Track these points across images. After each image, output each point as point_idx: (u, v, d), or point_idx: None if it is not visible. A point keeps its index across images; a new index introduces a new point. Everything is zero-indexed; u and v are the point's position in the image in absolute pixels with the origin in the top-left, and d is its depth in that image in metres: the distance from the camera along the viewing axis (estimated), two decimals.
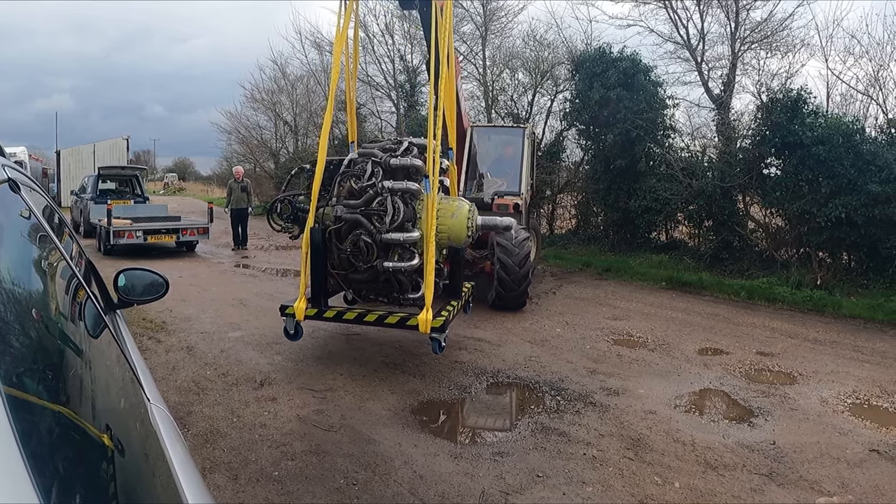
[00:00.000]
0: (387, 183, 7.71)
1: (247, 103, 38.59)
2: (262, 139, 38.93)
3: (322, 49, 32.92)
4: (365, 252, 7.67)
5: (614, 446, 6.08)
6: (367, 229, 7.63)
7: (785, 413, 7.12)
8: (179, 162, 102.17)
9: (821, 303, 12.99)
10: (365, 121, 32.79)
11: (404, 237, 7.64)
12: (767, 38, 19.02)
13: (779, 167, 16.11)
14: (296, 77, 36.00)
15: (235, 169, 21.98)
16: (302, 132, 36.78)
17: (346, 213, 7.80)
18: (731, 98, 18.85)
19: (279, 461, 5.51)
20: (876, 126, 15.63)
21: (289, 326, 8.12)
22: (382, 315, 7.84)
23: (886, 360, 9.41)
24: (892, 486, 5.48)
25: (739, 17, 18.92)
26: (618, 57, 18.73)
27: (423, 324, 7.36)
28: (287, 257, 19.10)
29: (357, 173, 7.95)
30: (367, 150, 8.22)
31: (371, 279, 7.90)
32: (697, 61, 19.65)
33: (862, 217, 13.57)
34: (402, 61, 30.04)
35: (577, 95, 19.66)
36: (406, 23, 29.21)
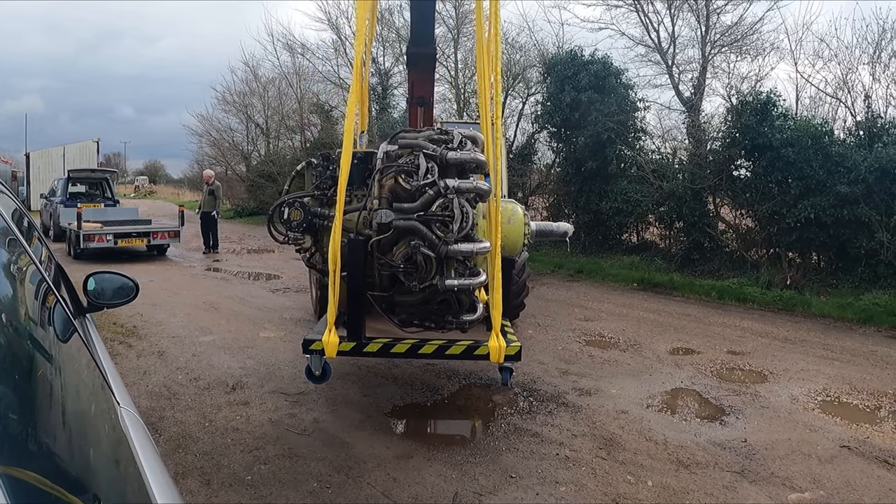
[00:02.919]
0: (451, 182, 6.05)
1: (218, 106, 38.62)
2: (233, 142, 38.88)
3: (294, 51, 32.87)
4: (423, 267, 5.98)
5: (587, 446, 6.09)
6: (428, 239, 5.95)
7: (756, 411, 7.18)
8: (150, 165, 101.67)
9: (791, 302, 13.14)
10: (336, 123, 32.76)
11: (477, 248, 6.14)
12: (737, 41, 19.20)
13: (749, 169, 16.28)
14: (267, 79, 36.02)
15: (206, 173, 21.92)
16: (273, 135, 36.74)
17: (398, 219, 6.04)
18: (701, 101, 18.99)
19: (252, 465, 5.48)
20: (844, 128, 15.81)
21: (314, 366, 6.36)
22: (443, 345, 6.24)
23: (856, 357, 9.51)
24: (863, 482, 5.54)
25: (710, 20, 19.07)
26: (589, 60, 18.85)
27: (495, 352, 6.07)
28: (258, 261, 19.02)
29: (408, 169, 6.17)
30: (410, 140, 6.46)
31: (424, 301, 6.31)
32: (668, 64, 19.79)
33: (831, 218, 13.75)
34: (374, 64, 30.00)
35: (549, 98, 19.77)
36: (378, 25, 29.14)
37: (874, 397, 7.79)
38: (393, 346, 6.30)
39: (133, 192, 74.59)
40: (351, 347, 6.26)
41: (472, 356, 6.29)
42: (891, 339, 10.85)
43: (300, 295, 12.96)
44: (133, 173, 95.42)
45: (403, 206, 6.08)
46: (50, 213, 23.22)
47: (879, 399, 7.73)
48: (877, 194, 13.42)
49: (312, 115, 33.71)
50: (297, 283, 14.42)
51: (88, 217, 18.76)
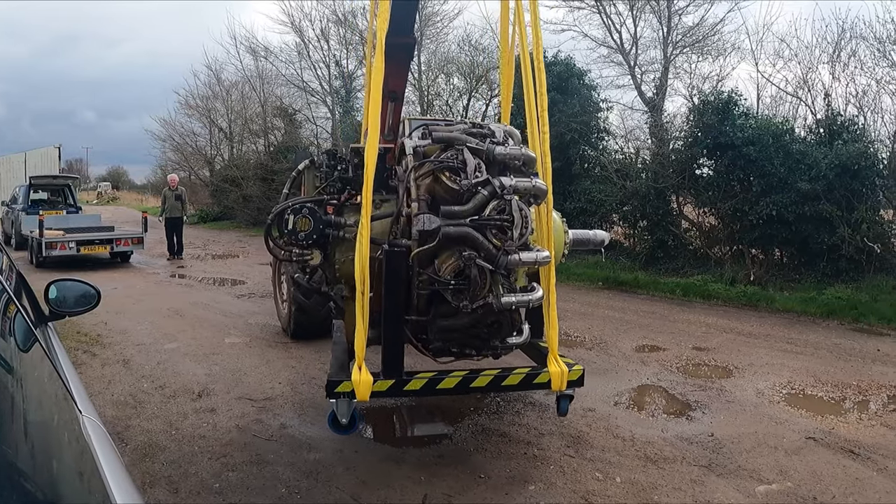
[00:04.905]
0: (507, 180, 5.11)
1: (181, 110, 38.32)
2: (196, 146, 38.58)
3: (257, 54, 32.74)
4: (478, 283, 4.98)
5: (555, 444, 6.09)
6: (485, 249, 5.00)
7: (722, 405, 7.23)
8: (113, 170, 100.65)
9: (754, 298, 13.29)
10: (300, 127, 32.65)
11: (540, 258, 5.22)
12: (699, 42, 19.46)
13: (711, 167, 16.46)
14: (231, 83, 35.83)
15: (170, 177, 21.66)
16: (237, 139, 36.51)
17: (446, 225, 5.00)
18: (663, 101, 19.19)
19: (220, 473, 5.42)
20: (805, 126, 16.06)
21: (341, 413, 5.24)
22: (498, 376, 5.46)
23: (819, 351, 9.63)
24: (829, 472, 5.60)
25: (672, 22, 19.30)
26: (552, 61, 18.92)
27: (557, 379, 5.42)
28: (223, 266, 18.89)
29: (453, 166, 5.23)
30: (446, 133, 5.52)
31: (473, 324, 5.26)
32: (631, 65, 19.97)
33: (792, 214, 13.96)
34: (338, 66, 30.00)
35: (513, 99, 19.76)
36: (342, 28, 29.15)
37: (838, 389, 7.89)
38: (440, 381, 5.37)
39: (96, 198, 73.71)
40: (389, 387, 5.25)
41: (531, 386, 5.60)
42: (853, 331, 11.01)
43: (265, 300, 12.87)
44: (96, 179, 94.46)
45: (453, 210, 5.08)
46: (11, 221, 22.91)
47: (843, 390, 7.83)
48: (837, 190, 13.62)
49: (276, 118, 33.57)
50: (263, 288, 14.33)
51: (50, 224, 18.53)
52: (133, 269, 18.41)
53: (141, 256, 20.16)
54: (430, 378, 5.34)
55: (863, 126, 14.84)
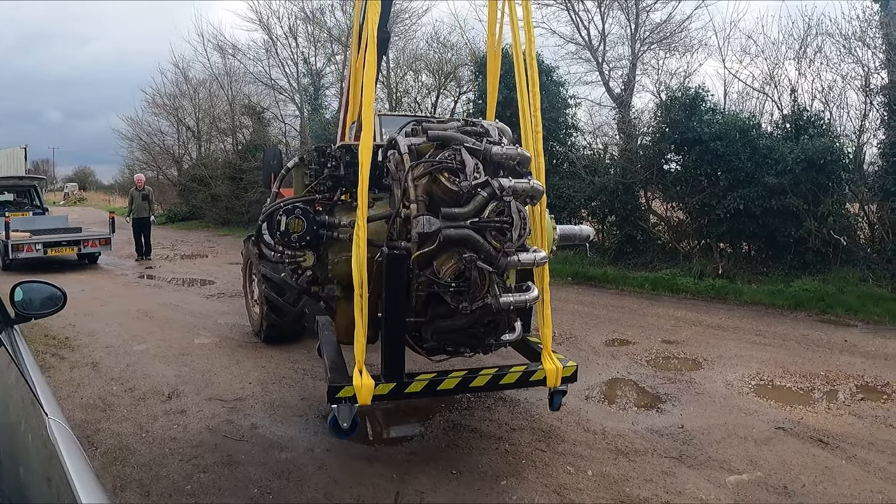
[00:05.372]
0: (506, 181, 5.07)
1: (148, 108, 37.94)
2: (164, 146, 38.25)
3: (224, 52, 32.56)
4: (479, 285, 4.96)
5: (526, 439, 6.11)
6: (485, 251, 5.00)
7: (692, 397, 7.29)
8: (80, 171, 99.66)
9: (723, 291, 13.41)
10: (269, 125, 32.49)
11: (538, 258, 5.30)
12: (666, 38, 19.61)
13: (678, 163, 16.57)
14: (198, 81, 35.53)
15: (137, 177, 21.42)
16: (205, 138, 36.26)
17: (447, 227, 4.93)
18: (631, 97, 19.30)
19: (191, 474, 5.37)
20: (771, 121, 16.23)
21: (342, 418, 5.19)
22: (496, 375, 5.54)
23: (787, 342, 9.74)
24: (798, 461, 5.66)
25: (639, 18, 19.45)
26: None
27: (552, 376, 5.60)
28: (192, 266, 18.74)
29: (452, 167, 5.08)
30: (441, 132, 5.33)
31: (470, 324, 5.24)
32: (598, 62, 20.09)
33: (760, 208, 14.10)
34: (306, 64, 29.87)
35: (481, 96, 19.80)
36: (310, 25, 29.04)
37: (806, 379, 7.98)
38: (440, 382, 5.39)
39: (63, 199, 72.90)
40: (390, 390, 5.21)
41: (527, 383, 5.69)
42: (821, 322, 11.14)
43: (235, 300, 12.80)
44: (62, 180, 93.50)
45: (454, 212, 4.99)
46: None
47: (812, 381, 7.93)
48: (803, 184, 13.77)
49: (244, 117, 33.38)
50: (232, 287, 14.24)
51: (17, 226, 18.23)
52: (101, 270, 18.21)
53: (109, 258, 19.93)
54: (430, 379, 5.34)
55: (829, 121, 15.02)
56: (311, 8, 29.03)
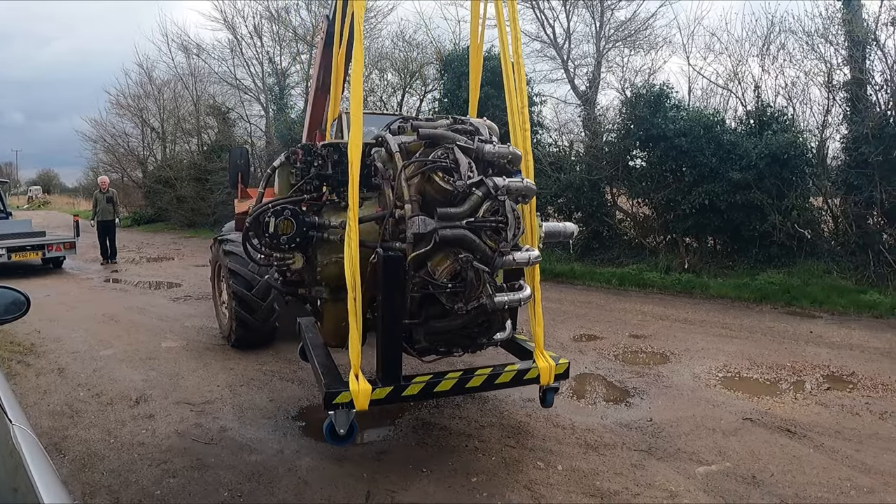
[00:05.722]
0: (500, 180, 5.06)
1: (112, 110, 37.61)
2: (128, 147, 37.90)
3: (189, 52, 32.35)
4: (474, 285, 4.96)
5: (495, 436, 6.10)
6: (481, 251, 4.99)
7: (660, 391, 7.33)
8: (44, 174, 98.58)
9: (689, 285, 13.55)
10: (234, 126, 32.29)
11: (532, 257, 5.36)
12: (631, 36, 19.78)
13: (644, 159, 16.73)
14: (163, 81, 35.31)
15: (101, 179, 21.16)
16: (170, 139, 35.97)
17: (443, 227, 4.90)
18: (596, 94, 19.41)
19: (161, 479, 5.30)
20: (736, 118, 16.39)
21: (339, 424, 5.02)
22: (491, 374, 5.48)
23: (753, 334, 9.86)
24: (766, 451, 5.72)
25: (604, 16, 19.57)
26: (485, 56, 18.92)
27: (546, 373, 5.61)
28: (158, 269, 18.55)
29: (446, 166, 5.05)
30: (432, 130, 5.32)
31: (464, 325, 5.24)
32: (564, 59, 20.19)
33: (724, 203, 14.26)
34: (271, 63, 29.72)
35: (446, 94, 19.85)
36: (275, 24, 28.90)
37: (773, 370, 8.07)
38: (436, 384, 5.29)
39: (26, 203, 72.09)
40: (387, 394, 5.09)
41: (522, 382, 5.64)
42: (786, 315, 11.28)
43: (202, 302, 12.70)
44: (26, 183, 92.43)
45: (449, 212, 4.95)
46: None
47: (778, 372, 8.03)
48: (767, 179, 13.93)
49: (209, 117, 33.17)
50: (198, 290, 14.15)
51: None
52: (66, 274, 17.98)
53: (74, 262, 19.71)
54: (427, 382, 5.25)
55: (792, 117, 15.23)
56: (276, 7, 28.95)
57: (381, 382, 5.09)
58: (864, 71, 13.74)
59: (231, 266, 8.65)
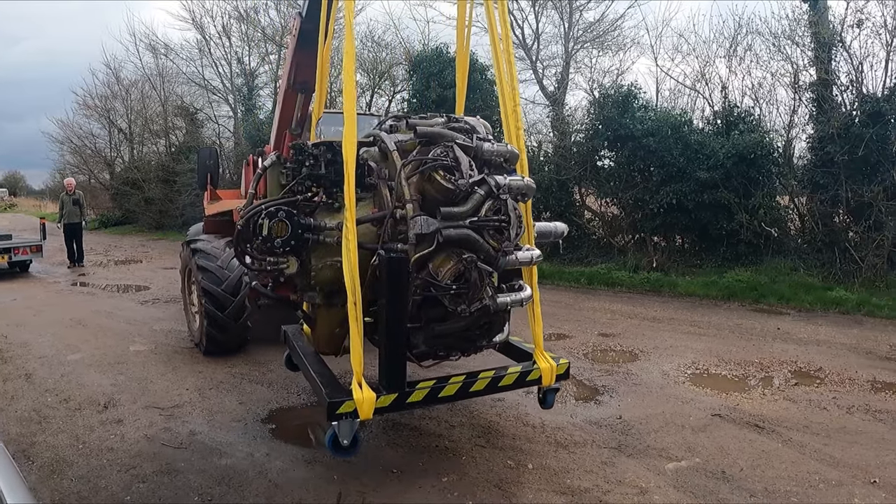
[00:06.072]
0: (501, 179, 5.03)
1: (79, 110, 37.15)
2: (96, 148, 37.49)
3: (157, 52, 32.07)
4: (478, 286, 4.85)
5: (466, 435, 6.11)
6: (485, 251, 4.91)
7: (629, 388, 7.38)
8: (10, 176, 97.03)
9: (658, 284, 13.67)
10: (202, 126, 32.07)
11: (534, 256, 5.37)
12: (599, 37, 19.91)
13: (612, 159, 16.86)
14: (130, 82, 34.92)
15: (67, 181, 20.87)
16: (137, 140, 35.65)
17: (446, 227, 4.77)
18: (564, 95, 19.49)
19: (130, 485, 5.25)
20: (703, 118, 16.56)
21: (343, 434, 4.79)
22: (495, 377, 5.39)
23: (721, 332, 9.97)
24: (735, 446, 5.79)
25: (573, 17, 19.67)
26: (454, 57, 18.95)
27: (547, 374, 5.55)
28: (126, 272, 18.37)
29: (447, 164, 4.89)
30: (430, 128, 5.18)
31: (467, 327, 5.09)
32: (532, 60, 20.26)
33: (692, 202, 14.41)
34: (240, 64, 29.55)
35: (415, 95, 19.82)
36: (244, 24, 28.74)
37: (741, 367, 8.17)
38: (441, 389, 5.16)
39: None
40: (392, 401, 4.91)
41: (525, 383, 5.57)
42: (754, 312, 11.42)
43: (170, 305, 12.61)
44: None
45: (454, 211, 4.82)
46: None
47: (746, 368, 8.12)
48: (735, 178, 14.10)
49: (177, 118, 32.93)
50: (167, 293, 14.04)
51: None
52: (33, 278, 17.74)
53: (41, 265, 19.45)
54: (431, 387, 5.11)
55: (759, 117, 15.45)
56: (244, 7, 28.79)
57: (385, 389, 4.89)
58: (829, 72, 13.94)
59: (200, 263, 8.51)
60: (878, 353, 8.86)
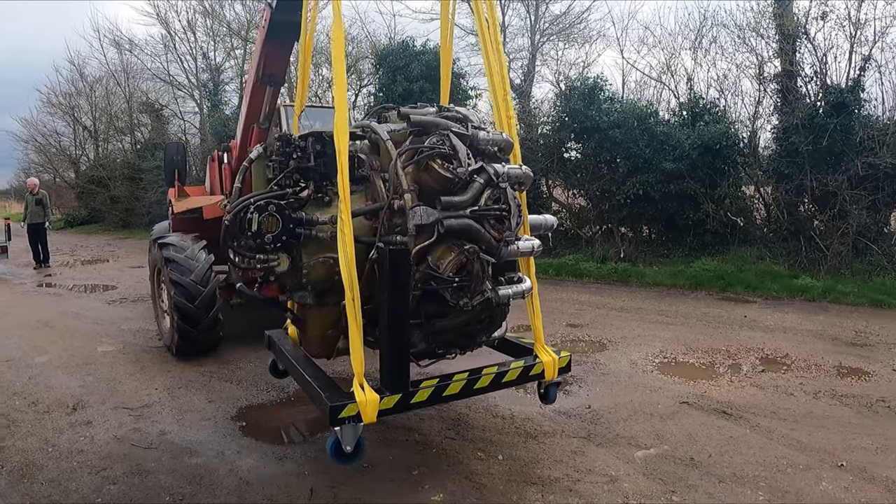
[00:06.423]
0: (499, 167, 4.91)
1: (43, 108, 36.75)
2: (60, 147, 37.10)
3: (121, 48, 31.75)
4: (480, 278, 4.76)
5: (435, 428, 6.12)
6: (486, 241, 4.78)
7: (598, 378, 7.42)
8: None
9: (625, 274, 13.77)
10: (167, 123, 31.81)
11: (535, 246, 5.25)
12: (566, 30, 20.00)
13: (579, 151, 16.97)
14: (94, 78, 34.60)
15: (29, 181, 20.56)
16: (102, 137, 35.29)
17: (447, 217, 4.64)
18: (531, 87, 19.58)
19: (101, 487, 5.20)
20: (669, 109, 16.73)
21: (346, 440, 4.54)
22: (499, 373, 5.21)
23: (689, 320, 10.07)
24: (703, 433, 5.85)
25: (539, 10, 19.76)
26: (421, 50, 18.96)
27: (550, 368, 5.43)
28: (93, 272, 18.18)
29: (445, 153, 4.72)
30: (423, 117, 5.01)
31: (467, 322, 4.97)
32: None
33: (658, 192, 14.53)
34: (205, 59, 29.32)
35: (381, 89, 19.80)
36: (209, 19, 28.53)
37: (708, 355, 8.26)
38: (445, 387, 4.95)
39: None
40: (396, 402, 4.70)
41: (528, 378, 5.42)
42: (721, 300, 11.54)
43: (137, 304, 12.50)
44: None
45: (454, 200, 4.68)
46: None
47: (714, 356, 8.21)
48: (700, 169, 14.23)
49: (142, 114, 32.64)
50: (134, 292, 13.92)
51: None
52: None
53: (6, 266, 19.19)
54: (435, 386, 4.90)
55: (724, 108, 15.62)
56: (209, 1, 28.57)
57: (388, 390, 4.68)
58: (794, 63, 14.12)
59: (168, 255, 8.30)
60: (843, 339, 8.98)
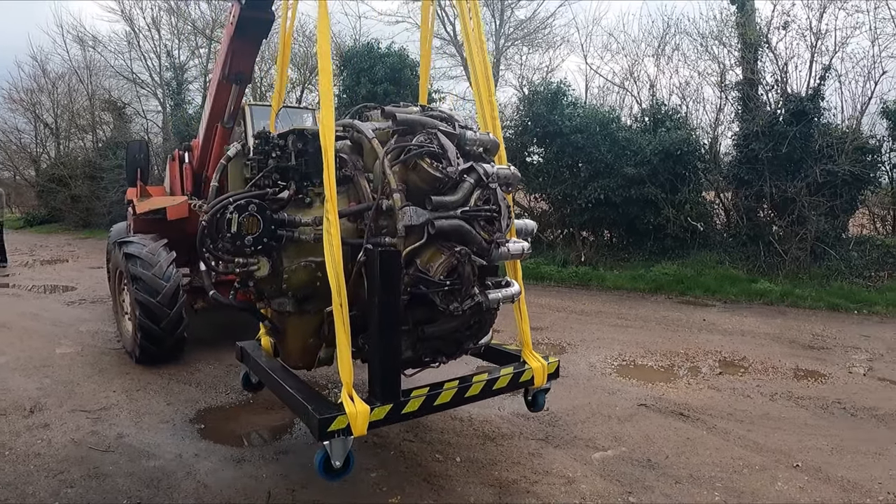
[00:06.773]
0: (488, 167, 4.76)
1: (4, 104, 36.24)
2: (21, 144, 36.61)
3: (85, 44, 31.44)
4: (471, 281, 4.56)
5: (394, 431, 6.10)
6: (476, 242, 4.60)
7: (556, 381, 7.42)
8: None
9: (586, 277, 13.90)
10: (130, 121, 31.52)
11: (525, 247, 5.09)
12: (530, 35, 20.12)
13: (541, 155, 17.05)
14: (57, 75, 34.30)
15: None
16: (64, 135, 34.89)
17: (437, 217, 4.44)
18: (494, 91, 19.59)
19: (58, 490, 5.16)
20: (631, 115, 16.91)
21: (336, 455, 4.31)
22: (489, 381, 5.04)
23: (648, 324, 10.18)
24: (661, 435, 5.93)
25: (504, 15, 19.86)
26: (385, 52, 18.96)
27: (539, 374, 5.31)
28: (52, 272, 17.95)
29: (434, 151, 4.54)
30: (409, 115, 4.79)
31: (456, 328, 4.81)
32: (463, 56, 20.34)
33: (619, 197, 14.68)
34: (170, 57, 29.10)
35: (345, 91, 19.75)
36: (174, 17, 28.32)
37: (667, 357, 8.37)
38: (436, 396, 4.76)
39: None
40: (387, 413, 4.45)
41: (518, 385, 5.26)
42: (680, 304, 11.69)
43: (97, 305, 12.37)
44: None
45: (445, 201, 4.49)
46: None
47: (672, 359, 8.33)
48: (661, 174, 14.37)
49: (105, 112, 32.31)
50: (94, 293, 13.78)
51: None
52: None
53: None
54: (426, 395, 4.71)
55: (685, 114, 15.83)
56: None
57: (378, 401, 4.43)
58: (755, 72, 14.34)
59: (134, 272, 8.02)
60: (800, 342, 9.15)
